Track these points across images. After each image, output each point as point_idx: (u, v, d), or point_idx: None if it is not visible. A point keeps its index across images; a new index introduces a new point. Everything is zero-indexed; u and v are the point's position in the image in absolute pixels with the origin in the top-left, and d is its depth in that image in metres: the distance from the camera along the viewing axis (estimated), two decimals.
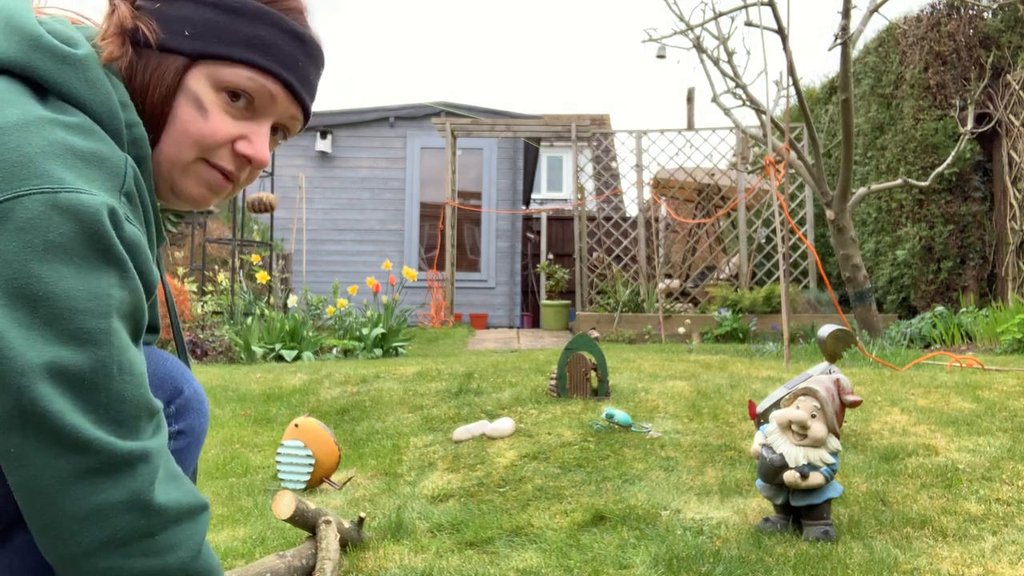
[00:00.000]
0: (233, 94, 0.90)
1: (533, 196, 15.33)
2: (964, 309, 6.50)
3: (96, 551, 0.73)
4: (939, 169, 6.29)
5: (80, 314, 0.72)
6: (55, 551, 0.74)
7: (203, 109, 0.89)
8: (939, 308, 6.44)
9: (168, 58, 0.87)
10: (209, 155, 0.91)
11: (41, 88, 0.80)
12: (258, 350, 5.57)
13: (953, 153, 6.40)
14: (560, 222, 12.14)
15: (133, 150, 0.84)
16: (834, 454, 1.88)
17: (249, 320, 6.04)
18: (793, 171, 6.73)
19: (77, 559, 0.74)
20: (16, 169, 0.72)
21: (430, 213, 10.75)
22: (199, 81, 0.88)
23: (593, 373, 3.23)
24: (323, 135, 10.58)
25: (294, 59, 0.93)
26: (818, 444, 1.86)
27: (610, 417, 2.75)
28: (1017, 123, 6.93)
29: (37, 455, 0.70)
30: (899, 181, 6.25)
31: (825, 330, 3.21)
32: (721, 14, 5.78)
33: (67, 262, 0.72)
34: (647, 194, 9.11)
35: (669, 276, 9.07)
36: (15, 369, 0.69)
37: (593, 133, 9.50)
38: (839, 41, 5.13)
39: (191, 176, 0.91)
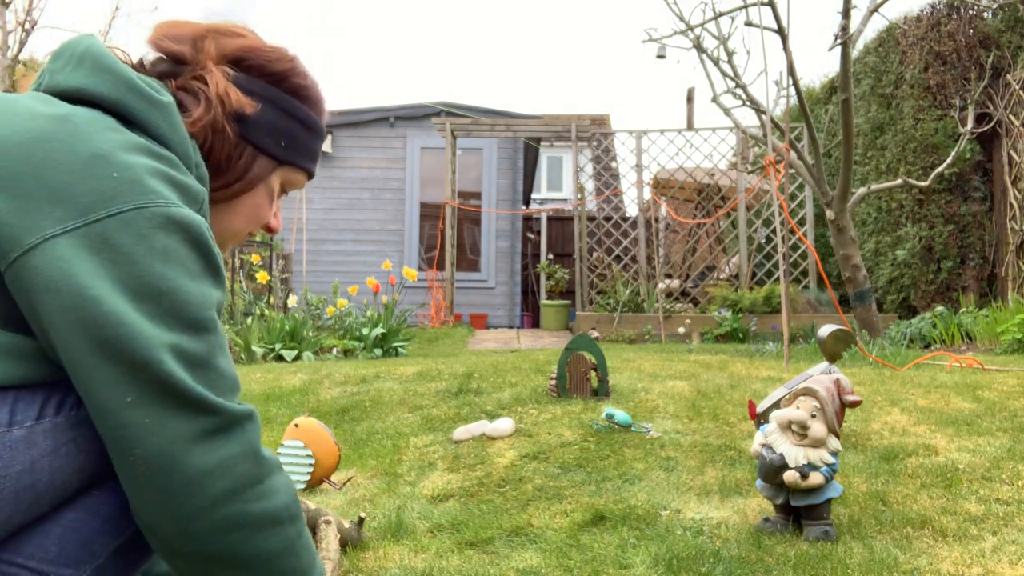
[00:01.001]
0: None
1: (533, 196, 15.33)
2: (964, 309, 6.50)
3: (221, 500, 0.85)
4: (939, 169, 6.29)
5: (194, 307, 0.86)
6: (182, 510, 0.84)
7: (270, 199, 1.12)
8: (939, 308, 6.44)
9: (261, 157, 1.08)
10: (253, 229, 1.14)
11: (129, 122, 0.92)
12: (258, 350, 5.57)
13: (953, 153, 6.40)
14: (560, 222, 12.15)
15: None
16: (834, 454, 1.88)
17: (249, 320, 6.04)
18: (793, 171, 6.73)
19: (205, 511, 0.85)
20: (131, 185, 0.85)
21: (430, 213, 10.75)
22: (277, 180, 1.11)
23: (593, 373, 3.23)
24: None
25: (318, 153, 1.17)
26: (818, 444, 1.86)
27: (610, 417, 2.75)
28: (1017, 123, 6.93)
29: (172, 420, 0.83)
30: (899, 181, 6.25)
31: (825, 330, 3.21)
32: (721, 14, 5.78)
33: (181, 264, 0.86)
34: (647, 194, 9.12)
35: (669, 276, 9.08)
36: (147, 349, 0.82)
37: (593, 133, 9.50)
38: (839, 41, 5.13)
39: (235, 240, 1.13)
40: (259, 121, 1.06)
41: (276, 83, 1.09)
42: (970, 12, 7.51)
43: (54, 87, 0.94)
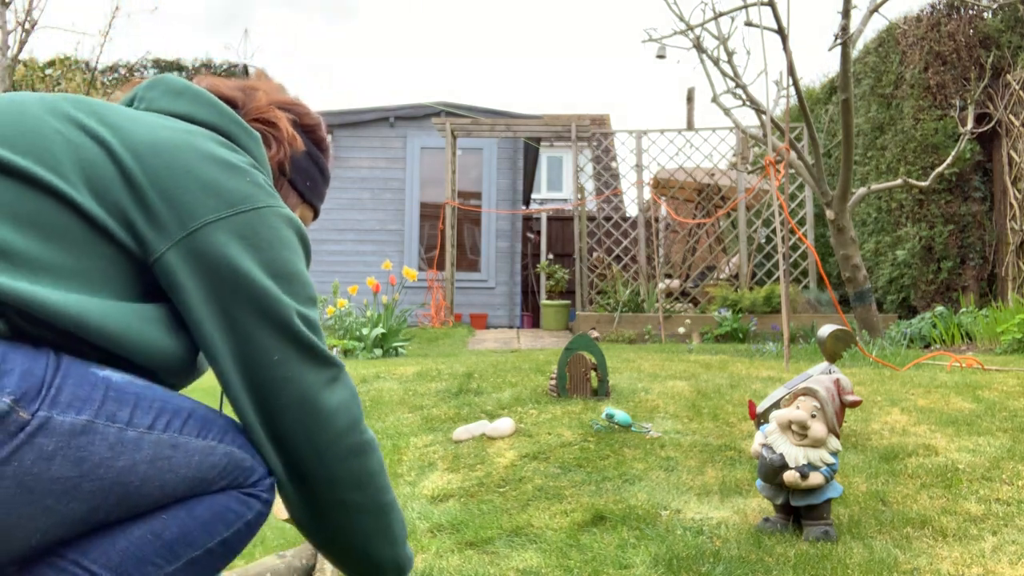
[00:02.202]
0: None
1: (533, 196, 15.33)
2: (964, 309, 6.50)
3: (344, 431, 1.07)
4: (939, 169, 6.28)
5: (309, 286, 1.09)
6: (320, 440, 1.05)
7: None
8: (939, 308, 6.44)
9: (293, 192, 1.30)
10: None
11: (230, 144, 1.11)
12: None
13: (953, 153, 6.40)
14: (560, 222, 12.14)
15: None
16: (834, 454, 1.88)
17: None
18: (793, 171, 6.73)
19: (335, 440, 1.06)
20: (260, 189, 1.06)
21: (430, 213, 10.75)
22: (297, 212, 1.31)
23: (593, 373, 3.23)
24: None
25: (325, 196, 1.39)
26: (818, 444, 1.86)
27: (610, 417, 2.75)
28: (1017, 123, 6.93)
29: (308, 372, 1.04)
30: (899, 181, 6.25)
31: (825, 330, 3.21)
32: (721, 14, 5.78)
33: (297, 253, 1.08)
34: (647, 194, 9.11)
35: (669, 276, 9.07)
36: (287, 315, 1.03)
37: (593, 133, 9.50)
38: (839, 41, 5.13)
39: None
40: (298, 163, 1.28)
41: (307, 133, 1.30)
42: (970, 12, 7.51)
43: (157, 110, 1.12)
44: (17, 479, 0.84)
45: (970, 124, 6.37)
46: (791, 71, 5.33)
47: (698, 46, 6.14)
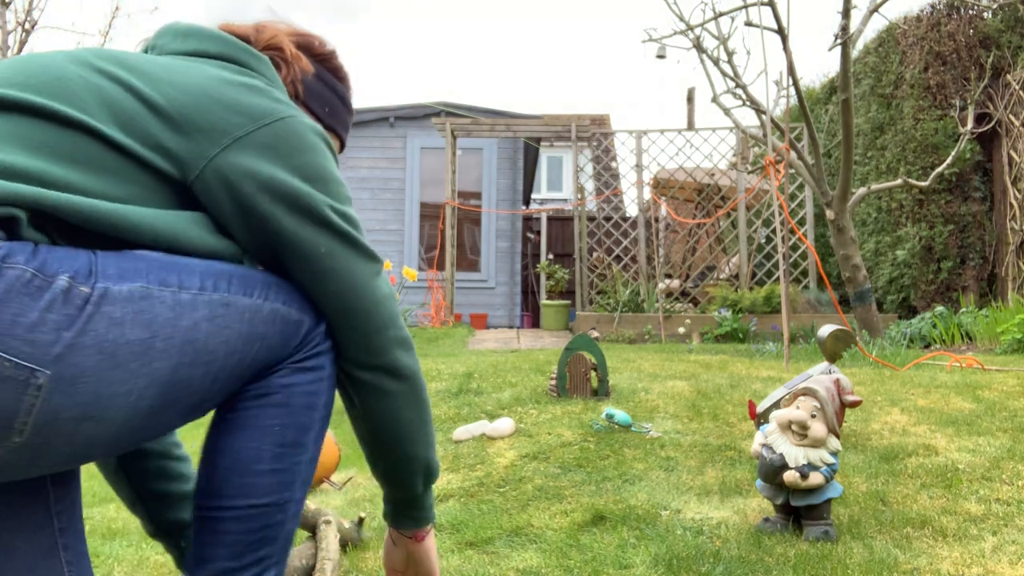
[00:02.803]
0: None
1: (533, 196, 15.33)
2: (964, 309, 6.50)
3: (389, 321, 1.15)
4: (939, 169, 6.28)
5: (343, 187, 1.15)
6: (368, 326, 1.13)
7: None
8: (939, 308, 6.44)
9: (310, 115, 1.30)
10: None
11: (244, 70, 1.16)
12: None
13: (953, 153, 6.40)
14: (560, 222, 12.14)
15: None
16: (834, 454, 1.88)
17: None
18: (793, 171, 6.74)
19: (382, 327, 1.14)
20: (280, 104, 1.11)
21: (430, 213, 10.75)
22: None
23: (593, 373, 3.23)
24: None
25: (350, 126, 1.43)
26: (818, 444, 1.86)
27: (610, 417, 2.75)
28: (1017, 123, 6.93)
29: (355, 263, 1.12)
30: (899, 181, 6.25)
31: (825, 330, 3.21)
32: (721, 14, 5.78)
33: (324, 155, 1.13)
34: (647, 194, 9.11)
35: (669, 276, 9.07)
36: (326, 212, 1.10)
37: (593, 133, 9.49)
38: (839, 41, 5.13)
39: None
40: (312, 88, 1.32)
41: (322, 62, 1.34)
42: (970, 12, 7.51)
43: (171, 52, 1.17)
44: (98, 347, 0.91)
45: (970, 124, 6.37)
46: (791, 71, 5.33)
47: (698, 46, 6.14)
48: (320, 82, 1.33)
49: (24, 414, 0.87)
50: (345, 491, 2.43)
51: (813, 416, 1.88)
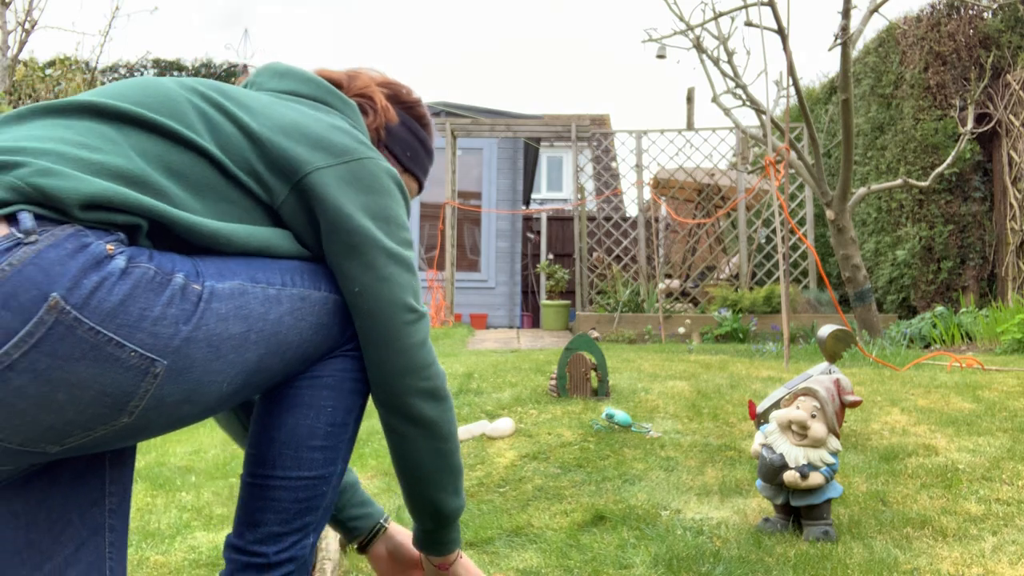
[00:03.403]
0: None
1: (533, 196, 15.32)
2: (964, 309, 6.50)
3: (417, 368, 1.21)
4: (939, 169, 6.28)
5: (405, 231, 1.23)
6: (395, 367, 1.20)
7: None
8: (939, 308, 6.44)
9: (391, 158, 1.43)
10: None
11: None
12: None
13: (953, 153, 6.39)
14: (560, 222, 12.14)
15: None
16: (834, 454, 1.88)
17: None
18: (793, 171, 6.73)
19: (408, 372, 1.21)
20: (360, 145, 1.21)
21: (430, 213, 10.75)
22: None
23: (593, 373, 3.23)
24: None
25: (429, 170, 1.53)
26: (818, 444, 1.86)
27: (610, 417, 2.75)
28: (1017, 123, 6.93)
29: (390, 307, 1.18)
30: (899, 181, 6.25)
31: (825, 330, 3.21)
32: (721, 14, 5.78)
33: (392, 197, 1.22)
34: (647, 194, 9.11)
35: (669, 276, 9.07)
36: (384, 250, 1.18)
37: (593, 133, 9.50)
38: (839, 41, 5.13)
39: None
40: (395, 133, 1.43)
41: (407, 109, 1.47)
42: (970, 12, 7.50)
43: (268, 90, 1.30)
44: (207, 341, 1.01)
45: (970, 124, 6.37)
46: (791, 71, 5.33)
47: (698, 46, 6.14)
48: (404, 128, 1.45)
49: (138, 399, 0.97)
50: None
51: (813, 416, 1.88)
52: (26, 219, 0.93)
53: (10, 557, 1.03)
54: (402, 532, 1.56)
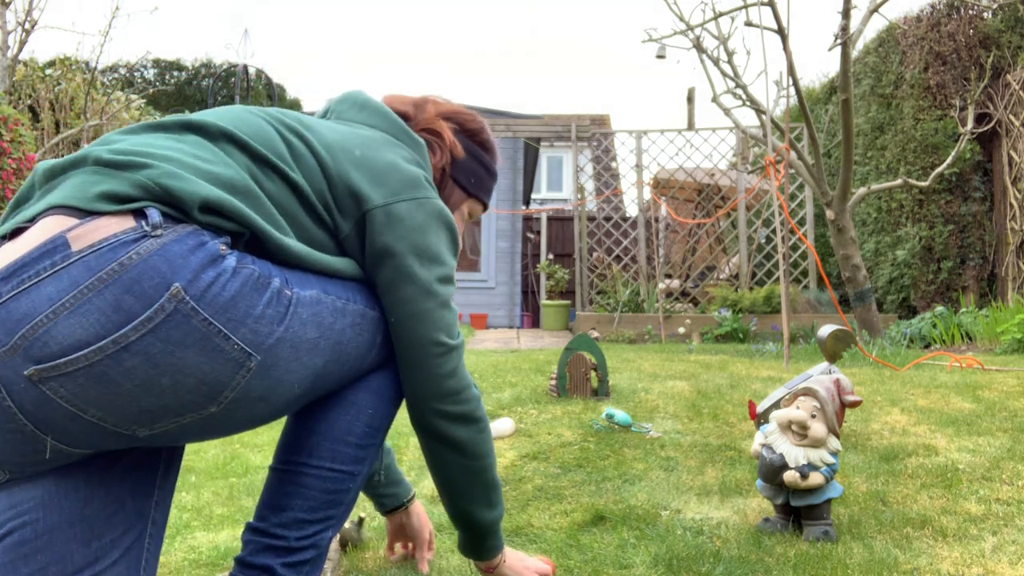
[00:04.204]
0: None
1: (533, 196, 15.32)
2: (964, 309, 6.50)
3: (445, 395, 1.30)
4: (939, 169, 6.28)
5: (447, 267, 1.30)
6: (426, 391, 1.28)
7: (461, 220, 1.57)
8: (939, 308, 6.44)
9: (457, 189, 1.52)
10: None
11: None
12: None
13: (953, 153, 6.40)
14: (560, 222, 12.14)
15: None
16: (834, 454, 1.88)
17: None
18: (793, 171, 6.73)
19: (436, 397, 1.29)
20: (417, 184, 1.30)
21: None
22: (466, 207, 1.56)
23: (593, 373, 3.23)
24: None
25: (492, 191, 1.61)
26: (818, 444, 1.86)
27: (610, 417, 2.75)
28: (1017, 123, 6.93)
29: (423, 342, 1.26)
30: (899, 181, 6.25)
31: (825, 330, 3.21)
32: (721, 14, 5.78)
33: (440, 238, 1.29)
34: (647, 194, 9.11)
35: (669, 276, 9.07)
36: (423, 287, 1.26)
37: (593, 133, 9.49)
38: (839, 41, 5.13)
39: None
40: (461, 165, 1.51)
41: (471, 136, 1.54)
42: (970, 12, 7.50)
43: (346, 120, 1.40)
44: (291, 342, 1.10)
45: (970, 124, 6.37)
46: (791, 71, 5.33)
47: (698, 46, 6.14)
48: (469, 156, 1.53)
49: (229, 390, 1.05)
50: None
51: (813, 416, 1.88)
52: (154, 214, 1.02)
53: (65, 528, 1.08)
54: (418, 509, 1.71)
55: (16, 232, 1.06)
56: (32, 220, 1.05)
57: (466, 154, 1.52)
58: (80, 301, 0.97)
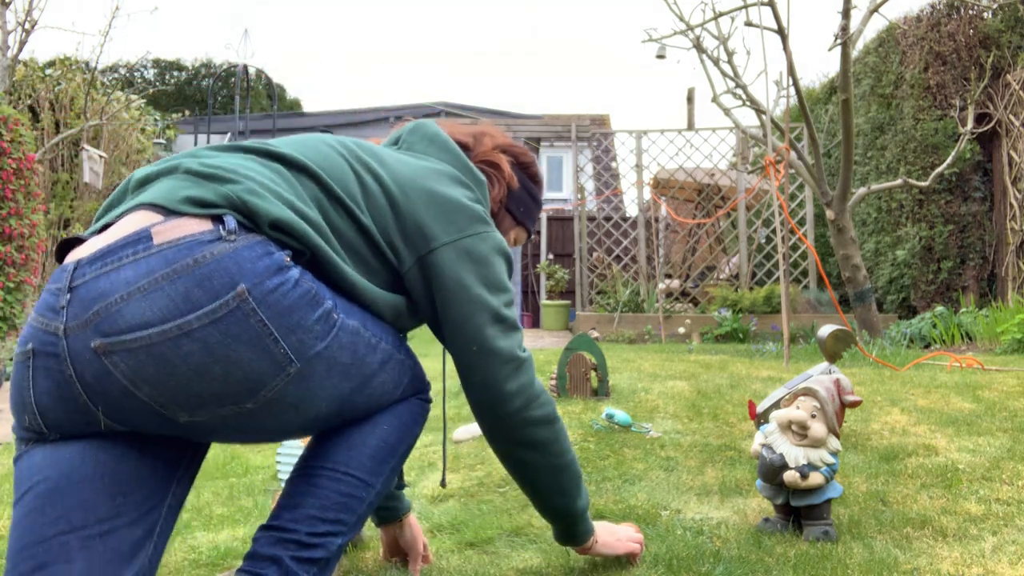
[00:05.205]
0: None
1: None
2: (964, 309, 6.50)
3: (520, 408, 1.41)
4: (939, 169, 6.28)
5: (508, 293, 1.42)
6: (500, 411, 1.40)
7: (508, 244, 1.62)
8: (939, 308, 6.44)
9: (509, 217, 1.65)
10: None
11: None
12: None
13: (953, 153, 6.40)
14: (560, 222, 12.14)
15: None
16: (834, 454, 1.88)
17: None
18: (793, 171, 6.73)
19: (513, 414, 1.41)
20: (480, 220, 1.42)
21: None
22: (513, 234, 1.68)
23: (593, 373, 3.23)
24: None
25: (537, 218, 1.73)
26: (818, 444, 1.86)
27: (610, 417, 2.75)
28: (1017, 123, 6.93)
29: (493, 362, 1.38)
30: (899, 181, 6.25)
31: (825, 330, 3.21)
32: (721, 14, 5.78)
33: (501, 268, 1.42)
34: (647, 194, 9.11)
35: (669, 276, 9.07)
36: (494, 314, 1.38)
37: (593, 133, 9.49)
38: (839, 41, 5.13)
39: None
40: (515, 196, 1.64)
41: (523, 169, 1.67)
42: (970, 12, 7.50)
43: (416, 152, 1.50)
44: (328, 360, 1.20)
45: (970, 124, 6.37)
46: (791, 71, 5.33)
47: (698, 46, 6.14)
48: (522, 188, 1.66)
49: (268, 390, 1.14)
50: None
51: (813, 416, 1.88)
52: (231, 221, 1.14)
53: (96, 480, 1.16)
54: (412, 524, 1.75)
55: (105, 228, 1.18)
56: (121, 216, 1.18)
57: (520, 186, 1.65)
58: (153, 287, 1.08)
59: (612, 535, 1.68)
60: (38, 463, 1.16)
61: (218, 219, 1.15)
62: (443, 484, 1.87)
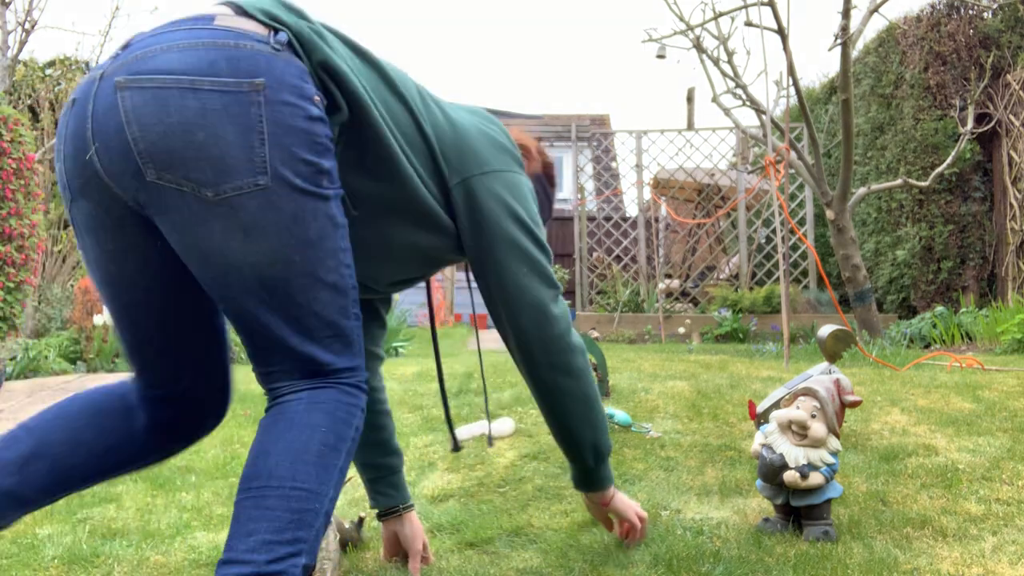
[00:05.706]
0: None
1: None
2: (964, 309, 6.50)
3: (564, 331, 1.59)
4: (939, 169, 6.28)
5: (542, 233, 1.58)
6: (548, 334, 1.56)
7: None
8: (939, 308, 6.44)
9: None
10: None
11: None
12: None
13: (953, 153, 6.39)
14: (560, 222, 12.13)
15: None
16: (834, 454, 1.88)
17: None
18: (793, 171, 6.73)
19: (557, 337, 1.56)
20: (517, 166, 1.59)
21: None
22: None
23: (593, 373, 3.22)
24: None
25: (548, 219, 1.80)
26: (818, 444, 1.86)
27: (610, 417, 2.75)
28: (1017, 123, 6.93)
29: (542, 286, 1.55)
30: (899, 181, 6.25)
31: (825, 330, 3.21)
32: (721, 14, 5.78)
33: (533, 208, 1.60)
34: (647, 194, 9.11)
35: (669, 276, 9.07)
36: (526, 247, 1.55)
37: (593, 133, 9.49)
38: (839, 41, 5.13)
39: None
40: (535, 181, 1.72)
41: (544, 168, 1.79)
42: (970, 12, 7.50)
43: (464, 110, 1.60)
44: (291, 199, 1.22)
45: (970, 124, 6.37)
46: (791, 71, 5.33)
47: (698, 46, 6.14)
48: (538, 183, 1.74)
49: (232, 188, 1.17)
50: (345, 491, 2.43)
51: (813, 416, 1.88)
52: (284, 36, 1.23)
53: (175, 293, 1.35)
54: (413, 521, 1.79)
55: None
56: None
57: (537, 180, 1.73)
58: (190, 48, 1.17)
59: (624, 500, 1.76)
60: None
61: (276, 33, 1.23)
62: (490, 443, 2.20)
